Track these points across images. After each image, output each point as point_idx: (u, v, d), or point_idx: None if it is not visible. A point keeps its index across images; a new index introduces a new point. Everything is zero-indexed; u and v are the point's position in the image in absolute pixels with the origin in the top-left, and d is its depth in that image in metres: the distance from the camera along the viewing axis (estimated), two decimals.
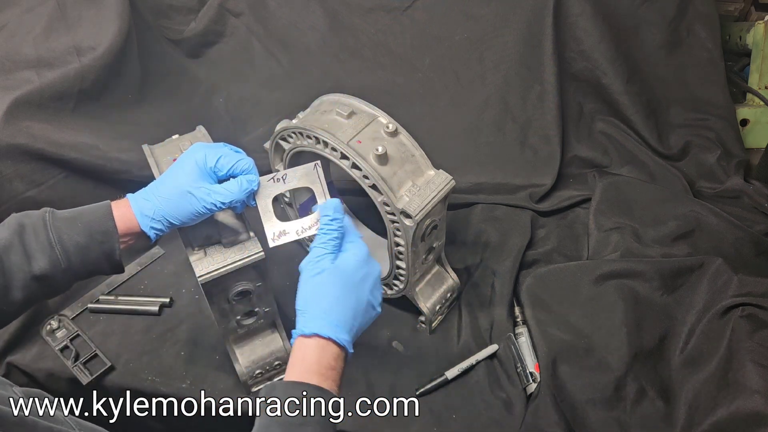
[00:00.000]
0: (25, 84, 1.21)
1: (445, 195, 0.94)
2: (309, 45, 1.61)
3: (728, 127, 1.49)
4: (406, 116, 1.46)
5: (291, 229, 0.87)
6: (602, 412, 0.97)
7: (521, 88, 1.49)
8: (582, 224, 1.32)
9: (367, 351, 1.10)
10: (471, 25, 1.51)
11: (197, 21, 1.65)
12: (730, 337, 1.00)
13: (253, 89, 1.61)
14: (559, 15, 1.43)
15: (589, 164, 1.49)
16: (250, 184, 0.84)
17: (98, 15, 1.34)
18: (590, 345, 1.04)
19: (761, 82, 1.57)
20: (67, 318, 1.14)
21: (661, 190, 1.35)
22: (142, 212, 0.80)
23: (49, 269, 0.75)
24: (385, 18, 1.56)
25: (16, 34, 1.29)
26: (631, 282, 1.11)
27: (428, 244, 1.02)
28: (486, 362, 1.06)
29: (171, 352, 1.09)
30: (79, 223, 0.78)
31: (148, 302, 1.17)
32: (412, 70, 1.56)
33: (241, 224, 0.89)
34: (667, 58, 1.52)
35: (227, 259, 0.86)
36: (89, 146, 1.22)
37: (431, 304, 1.10)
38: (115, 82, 1.34)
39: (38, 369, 1.07)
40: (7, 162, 1.15)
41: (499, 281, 1.17)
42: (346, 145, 0.90)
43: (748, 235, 1.23)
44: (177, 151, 0.96)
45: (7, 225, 0.76)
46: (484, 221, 1.32)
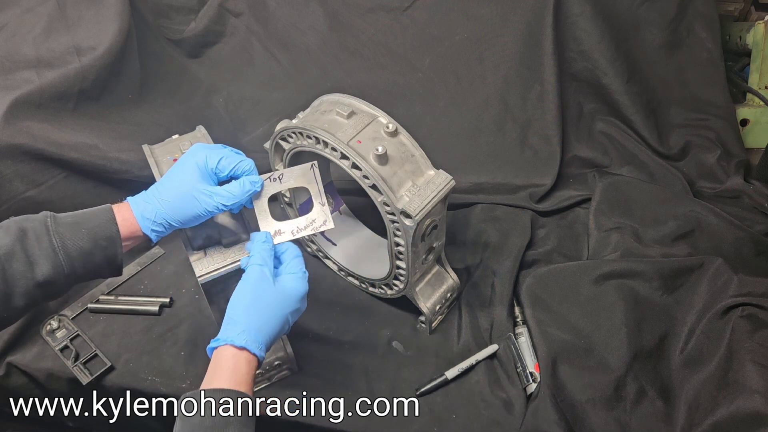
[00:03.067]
0: (25, 84, 1.20)
1: (445, 195, 0.94)
2: (309, 45, 1.61)
3: (728, 127, 1.49)
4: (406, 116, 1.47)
5: (287, 228, 0.88)
6: (602, 412, 0.97)
7: (521, 88, 1.49)
8: (582, 224, 1.33)
9: (367, 351, 1.10)
10: (471, 25, 1.51)
11: (197, 21, 1.65)
12: (730, 337, 1.00)
13: (253, 89, 1.61)
14: (559, 15, 1.43)
15: (589, 164, 1.49)
16: (253, 186, 0.84)
17: (98, 15, 1.34)
18: (590, 345, 1.04)
19: (761, 82, 1.57)
20: (67, 318, 1.14)
21: (661, 190, 1.35)
22: (143, 215, 0.80)
23: (53, 275, 0.75)
24: (385, 18, 1.56)
25: (16, 34, 1.28)
26: (631, 282, 1.11)
27: (428, 244, 1.02)
28: (486, 362, 1.06)
29: (171, 352, 1.09)
30: (83, 228, 0.77)
31: (148, 302, 1.17)
32: (412, 70, 1.56)
33: (241, 224, 0.90)
34: (667, 58, 1.52)
35: (227, 259, 0.87)
36: (89, 146, 1.22)
37: (431, 304, 1.10)
38: (115, 82, 1.34)
39: (38, 369, 1.07)
40: (7, 162, 1.15)
41: (499, 281, 1.17)
42: (346, 145, 0.90)
43: (748, 235, 1.23)
44: (177, 151, 0.96)
45: (8, 230, 0.75)
46: (484, 221, 1.32)
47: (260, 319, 0.76)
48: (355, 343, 1.12)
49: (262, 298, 0.77)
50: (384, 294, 1.15)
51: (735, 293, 1.05)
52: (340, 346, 1.11)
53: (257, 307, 0.77)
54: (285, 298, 0.79)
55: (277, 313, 0.78)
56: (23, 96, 1.18)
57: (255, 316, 0.76)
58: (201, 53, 1.66)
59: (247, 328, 0.75)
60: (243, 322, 0.75)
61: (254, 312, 0.76)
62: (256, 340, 0.75)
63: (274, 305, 0.78)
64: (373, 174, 0.89)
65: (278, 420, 0.99)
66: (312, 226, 0.90)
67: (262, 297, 0.78)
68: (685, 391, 1.00)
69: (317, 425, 0.99)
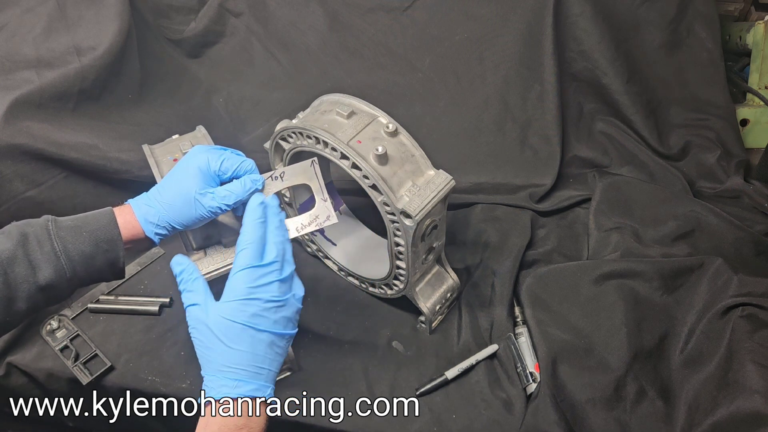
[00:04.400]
0: (25, 84, 1.20)
1: (445, 195, 0.94)
2: (309, 45, 1.61)
3: (728, 127, 1.49)
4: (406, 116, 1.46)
5: (290, 226, 0.88)
6: (602, 412, 0.97)
7: (521, 88, 1.49)
8: (582, 224, 1.32)
9: (367, 351, 1.10)
10: (471, 25, 1.51)
11: (197, 21, 1.65)
12: (730, 337, 1.00)
13: (253, 89, 1.61)
14: (559, 15, 1.43)
15: (589, 164, 1.49)
16: (254, 184, 0.84)
17: (98, 15, 1.34)
18: (590, 345, 1.04)
19: (761, 82, 1.57)
20: (67, 318, 1.14)
21: (661, 190, 1.35)
22: (146, 219, 0.80)
23: (55, 279, 0.75)
24: (385, 18, 1.56)
25: (16, 34, 1.28)
26: (631, 282, 1.11)
27: (428, 244, 1.02)
28: (486, 362, 1.06)
29: (171, 352, 1.09)
30: (84, 232, 0.77)
31: (148, 302, 1.17)
32: (412, 70, 1.56)
33: (241, 224, 0.89)
34: (667, 58, 1.52)
35: (227, 259, 0.87)
36: (89, 146, 1.22)
37: (431, 304, 1.10)
38: (115, 82, 1.34)
39: (38, 369, 1.07)
40: (7, 162, 1.15)
41: (499, 281, 1.17)
42: (346, 145, 0.90)
43: (748, 235, 1.23)
44: (177, 151, 0.96)
45: (9, 235, 0.75)
46: (484, 221, 1.32)
47: (218, 357, 0.69)
48: (355, 343, 1.11)
49: (210, 335, 0.70)
50: (384, 294, 1.15)
51: (735, 293, 1.05)
52: (340, 346, 1.11)
53: (210, 347, 0.70)
54: (230, 315, 0.70)
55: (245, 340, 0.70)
56: (23, 96, 1.18)
57: (212, 357, 0.70)
58: (201, 53, 1.66)
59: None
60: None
61: (209, 353, 0.70)
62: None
63: (220, 334, 0.70)
64: (373, 174, 0.89)
65: (278, 420, 0.99)
66: (316, 222, 0.89)
67: (208, 333, 0.71)
68: (685, 391, 1.00)
69: (317, 425, 0.99)
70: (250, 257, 0.72)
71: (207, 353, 0.70)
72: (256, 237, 0.74)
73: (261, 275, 0.72)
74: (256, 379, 0.70)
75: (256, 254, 0.73)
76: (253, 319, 0.70)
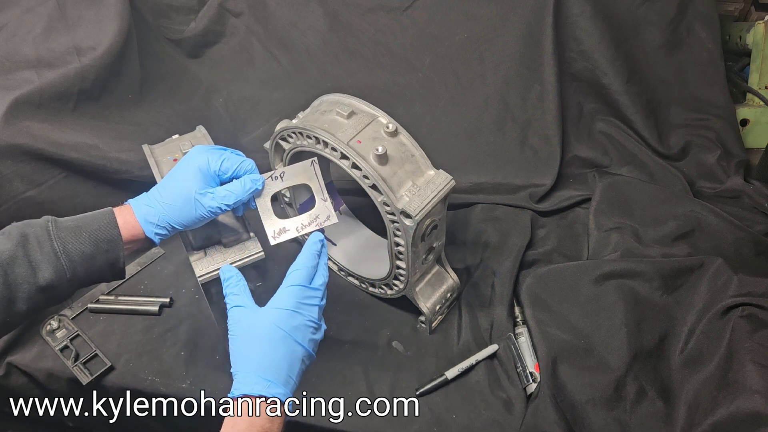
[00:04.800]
0: (25, 84, 1.20)
1: (445, 195, 0.94)
2: (309, 45, 1.61)
3: (728, 127, 1.49)
4: (406, 116, 1.46)
5: (291, 226, 0.88)
6: (602, 412, 0.97)
7: (521, 88, 1.49)
8: (582, 224, 1.32)
9: (367, 351, 1.10)
10: (471, 25, 1.51)
11: (197, 21, 1.65)
12: (730, 337, 1.00)
13: (253, 89, 1.61)
14: (559, 15, 1.43)
15: (589, 164, 1.49)
16: (254, 184, 0.84)
17: (98, 15, 1.34)
18: (590, 345, 1.04)
19: (761, 82, 1.57)
20: (67, 318, 1.14)
21: (661, 190, 1.35)
22: (146, 219, 0.80)
23: (55, 279, 0.75)
24: (385, 18, 1.56)
25: (16, 34, 1.28)
26: (631, 282, 1.11)
27: (428, 244, 1.02)
28: (486, 362, 1.06)
29: (171, 352, 1.09)
30: (84, 232, 0.77)
31: (148, 302, 1.16)
32: (412, 70, 1.56)
33: (241, 224, 0.90)
34: (667, 58, 1.52)
35: (227, 259, 0.87)
36: (89, 146, 1.22)
37: (431, 304, 1.10)
38: (115, 82, 1.34)
39: (38, 369, 1.07)
40: (7, 162, 1.15)
41: (499, 281, 1.17)
42: (346, 145, 0.90)
43: (748, 235, 1.23)
44: (177, 151, 0.96)
45: (9, 236, 0.75)
46: (484, 221, 1.32)
47: (257, 356, 0.72)
48: (355, 343, 1.11)
49: (251, 335, 0.74)
50: (384, 294, 1.15)
51: (735, 293, 1.05)
52: (340, 346, 1.11)
53: (249, 346, 0.73)
54: (277, 321, 0.74)
55: (275, 343, 0.73)
56: (23, 96, 1.18)
57: (250, 355, 0.73)
58: (201, 53, 1.66)
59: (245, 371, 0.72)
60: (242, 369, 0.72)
61: (248, 352, 0.73)
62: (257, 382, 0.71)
63: (264, 336, 0.73)
64: (373, 174, 0.89)
65: None
66: (316, 222, 0.89)
67: (250, 334, 0.74)
68: (685, 391, 1.00)
69: (317, 425, 0.99)
70: (302, 278, 0.78)
71: (246, 352, 0.73)
72: (310, 264, 0.80)
73: (308, 296, 0.78)
74: (285, 386, 0.73)
75: (307, 277, 0.79)
76: (296, 331, 0.75)
